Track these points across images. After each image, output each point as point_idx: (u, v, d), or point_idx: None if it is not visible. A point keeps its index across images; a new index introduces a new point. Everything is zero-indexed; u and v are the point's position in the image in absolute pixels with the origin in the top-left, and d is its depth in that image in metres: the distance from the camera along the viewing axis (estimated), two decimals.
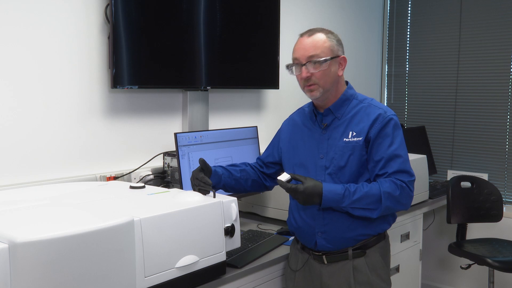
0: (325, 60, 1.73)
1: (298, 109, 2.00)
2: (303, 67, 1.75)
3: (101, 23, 2.22)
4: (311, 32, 1.78)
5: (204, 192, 1.69)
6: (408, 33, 3.94)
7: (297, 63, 1.78)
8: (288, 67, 1.82)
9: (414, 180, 1.76)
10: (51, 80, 2.08)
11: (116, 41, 2.17)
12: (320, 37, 1.76)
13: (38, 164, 2.06)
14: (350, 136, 1.77)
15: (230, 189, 1.92)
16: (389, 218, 1.86)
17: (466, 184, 3.22)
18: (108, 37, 2.20)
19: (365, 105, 1.81)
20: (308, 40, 1.76)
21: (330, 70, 1.76)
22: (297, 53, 1.78)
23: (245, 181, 1.95)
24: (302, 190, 1.67)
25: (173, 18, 2.39)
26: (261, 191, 2.06)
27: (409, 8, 3.92)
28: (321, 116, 1.84)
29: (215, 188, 1.84)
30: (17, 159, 2.00)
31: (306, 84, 1.77)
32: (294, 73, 1.80)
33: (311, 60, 1.74)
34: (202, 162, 1.79)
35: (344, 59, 1.80)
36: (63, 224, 1.27)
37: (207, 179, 1.72)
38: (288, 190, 1.70)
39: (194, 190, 1.73)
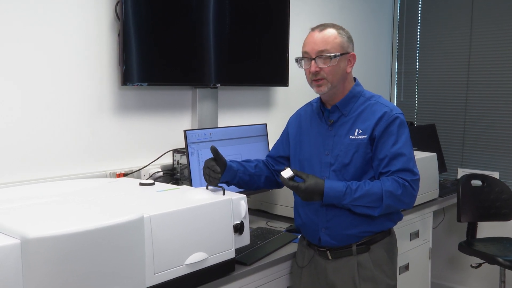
0: (335, 56, 1.73)
1: (306, 104, 2.00)
2: (313, 61, 1.75)
3: (111, 20, 2.23)
4: (322, 27, 1.78)
5: (213, 180, 1.72)
6: (419, 30, 3.91)
7: (306, 56, 1.78)
8: (297, 60, 1.82)
9: (418, 179, 1.75)
10: (61, 77, 2.09)
11: (126, 38, 2.18)
12: (331, 32, 1.76)
13: (48, 161, 2.07)
14: (355, 134, 1.77)
15: (244, 185, 1.91)
16: (394, 216, 1.85)
17: (476, 182, 3.20)
18: (118, 34, 2.21)
19: (372, 102, 1.81)
20: (319, 35, 1.76)
21: (339, 66, 1.75)
22: (307, 46, 1.78)
23: (258, 177, 1.93)
24: (303, 188, 1.69)
25: (183, 16, 2.39)
26: (274, 188, 2.05)
27: (420, 5, 3.89)
28: (328, 112, 1.84)
29: (229, 183, 1.85)
30: (27, 156, 2.01)
31: (314, 78, 1.77)
32: (303, 66, 1.80)
33: (321, 55, 1.74)
34: (214, 151, 1.76)
35: (354, 56, 1.80)
36: (73, 221, 1.28)
37: (216, 167, 1.74)
38: (290, 187, 1.72)
39: (205, 178, 1.75)
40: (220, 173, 1.74)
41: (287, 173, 1.72)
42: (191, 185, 2.12)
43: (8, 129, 1.95)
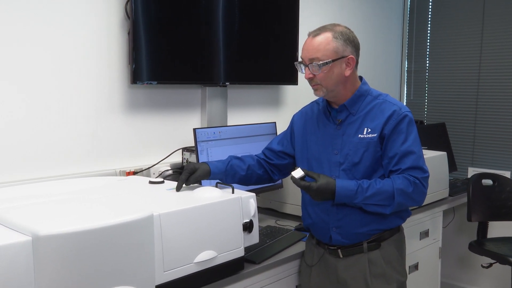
0: (326, 63, 1.72)
1: (311, 102, 1.99)
2: (306, 68, 1.76)
3: (121, 19, 2.23)
4: (318, 31, 1.77)
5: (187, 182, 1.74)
6: (429, 28, 3.88)
7: (302, 63, 1.79)
8: (297, 65, 1.83)
9: (427, 177, 1.76)
10: (71, 76, 2.10)
11: (136, 37, 2.19)
12: (325, 38, 1.74)
13: (58, 159, 2.08)
14: (365, 133, 1.77)
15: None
16: (403, 214, 1.86)
17: (487, 181, 3.17)
18: (128, 33, 2.22)
19: (380, 101, 1.81)
20: (312, 42, 1.76)
21: (332, 72, 1.74)
22: (302, 53, 1.79)
23: (248, 179, 1.94)
24: (315, 188, 1.69)
25: (192, 14, 2.39)
26: (264, 184, 2.05)
27: (430, 3, 3.86)
28: (335, 112, 1.84)
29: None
30: (37, 154, 2.03)
31: (311, 83, 1.79)
32: (302, 71, 1.81)
33: (312, 62, 1.74)
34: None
35: (352, 59, 1.76)
36: (84, 218, 1.29)
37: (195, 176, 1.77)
38: (301, 187, 1.72)
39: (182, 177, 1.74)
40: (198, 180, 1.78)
41: (298, 173, 1.72)
42: (200, 183, 2.12)
43: (17, 128, 1.97)
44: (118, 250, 1.26)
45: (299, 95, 3.04)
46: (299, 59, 1.82)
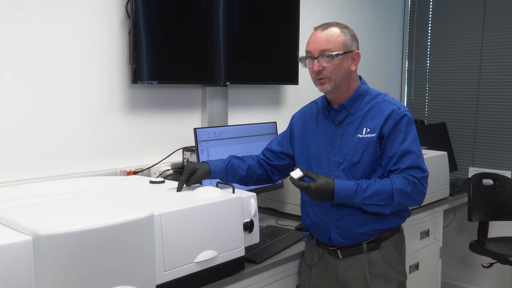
0: (337, 55, 1.73)
1: (311, 102, 1.99)
2: (315, 61, 1.75)
3: (122, 18, 2.23)
4: (325, 26, 1.78)
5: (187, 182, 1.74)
6: (429, 28, 3.88)
7: (309, 56, 1.78)
8: (301, 59, 1.82)
9: (427, 176, 1.76)
10: (72, 76, 2.11)
11: (137, 37, 2.19)
12: (334, 31, 1.75)
13: (59, 158, 2.09)
14: (364, 132, 1.77)
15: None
16: (403, 214, 1.86)
17: (488, 181, 3.17)
18: (129, 33, 2.22)
19: (379, 100, 1.81)
20: (321, 34, 1.76)
21: (341, 65, 1.75)
22: (310, 46, 1.78)
23: (248, 179, 1.94)
24: (314, 188, 1.69)
25: (193, 14, 2.39)
26: (263, 184, 2.05)
27: (430, 3, 3.86)
28: (334, 111, 1.84)
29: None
30: (38, 154, 2.03)
31: (318, 77, 1.77)
32: (307, 66, 1.80)
33: (323, 54, 1.73)
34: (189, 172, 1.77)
35: (358, 54, 1.79)
36: (85, 218, 1.29)
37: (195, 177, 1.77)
38: (300, 188, 1.72)
39: (182, 177, 1.74)
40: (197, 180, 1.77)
41: (296, 173, 1.72)
42: (201, 183, 2.12)
43: (18, 127, 1.97)
44: (118, 249, 1.26)
45: (300, 95, 3.04)
46: (303, 54, 1.81)
